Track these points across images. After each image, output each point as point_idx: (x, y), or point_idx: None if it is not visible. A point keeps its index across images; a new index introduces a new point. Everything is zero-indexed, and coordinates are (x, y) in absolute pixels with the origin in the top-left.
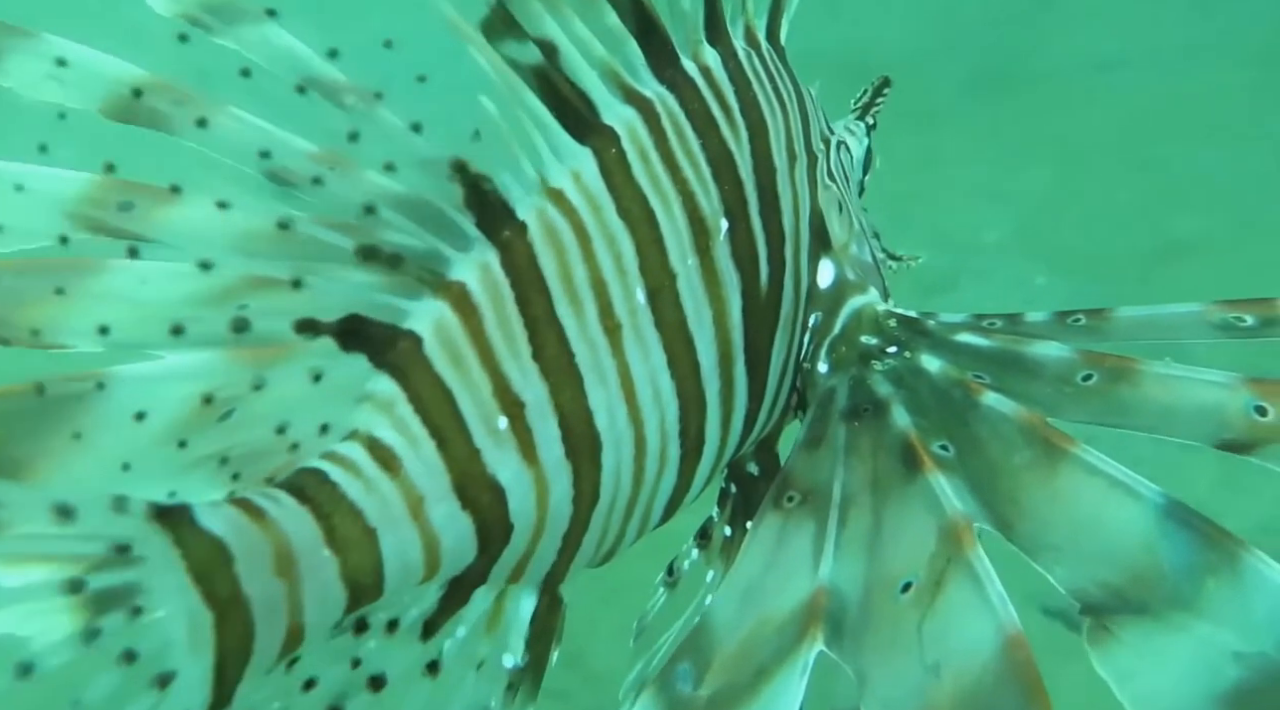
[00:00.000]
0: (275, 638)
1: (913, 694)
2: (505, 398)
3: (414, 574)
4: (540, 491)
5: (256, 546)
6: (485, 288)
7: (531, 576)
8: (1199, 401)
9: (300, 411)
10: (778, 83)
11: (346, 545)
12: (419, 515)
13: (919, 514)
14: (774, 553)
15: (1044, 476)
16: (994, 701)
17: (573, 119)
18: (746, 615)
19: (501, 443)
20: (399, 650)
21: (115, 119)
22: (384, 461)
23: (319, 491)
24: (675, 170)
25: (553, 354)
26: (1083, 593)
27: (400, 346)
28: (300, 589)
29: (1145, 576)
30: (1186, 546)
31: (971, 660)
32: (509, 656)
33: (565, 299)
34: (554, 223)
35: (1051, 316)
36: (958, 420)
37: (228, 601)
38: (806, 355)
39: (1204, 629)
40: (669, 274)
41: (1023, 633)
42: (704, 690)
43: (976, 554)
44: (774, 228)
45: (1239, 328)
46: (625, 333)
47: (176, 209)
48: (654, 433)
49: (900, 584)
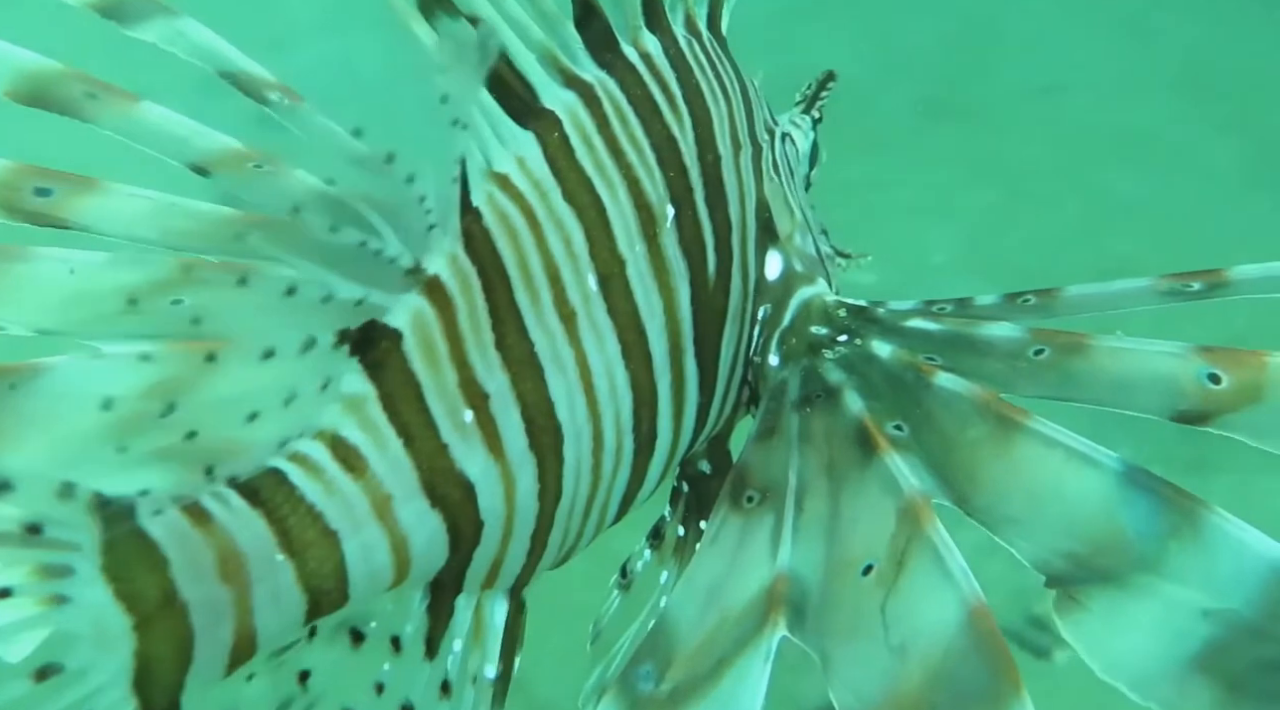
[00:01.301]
0: (221, 643)
1: (879, 676)
2: (471, 390)
3: (382, 578)
4: (507, 486)
5: (197, 552)
6: (456, 279)
7: (503, 581)
8: (1152, 372)
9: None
10: (720, 71)
11: (304, 548)
12: (385, 515)
13: (876, 495)
14: (735, 552)
15: (1000, 449)
16: (961, 677)
17: (513, 103)
18: (708, 614)
19: (468, 436)
20: (413, 671)
21: (24, 103)
22: (347, 461)
23: (274, 493)
24: (619, 155)
25: (514, 343)
26: (1046, 564)
27: (381, 345)
28: (249, 594)
29: (1108, 543)
30: (1147, 510)
31: (936, 637)
32: (490, 667)
33: (522, 286)
34: (504, 208)
35: (1001, 298)
36: (911, 401)
37: (156, 604)
38: (756, 349)
39: (1170, 590)
40: (618, 260)
41: (986, 604)
42: (665, 686)
43: (935, 529)
44: (720, 216)
45: (1186, 292)
46: (580, 321)
47: (99, 198)
48: (610, 426)
49: (861, 566)
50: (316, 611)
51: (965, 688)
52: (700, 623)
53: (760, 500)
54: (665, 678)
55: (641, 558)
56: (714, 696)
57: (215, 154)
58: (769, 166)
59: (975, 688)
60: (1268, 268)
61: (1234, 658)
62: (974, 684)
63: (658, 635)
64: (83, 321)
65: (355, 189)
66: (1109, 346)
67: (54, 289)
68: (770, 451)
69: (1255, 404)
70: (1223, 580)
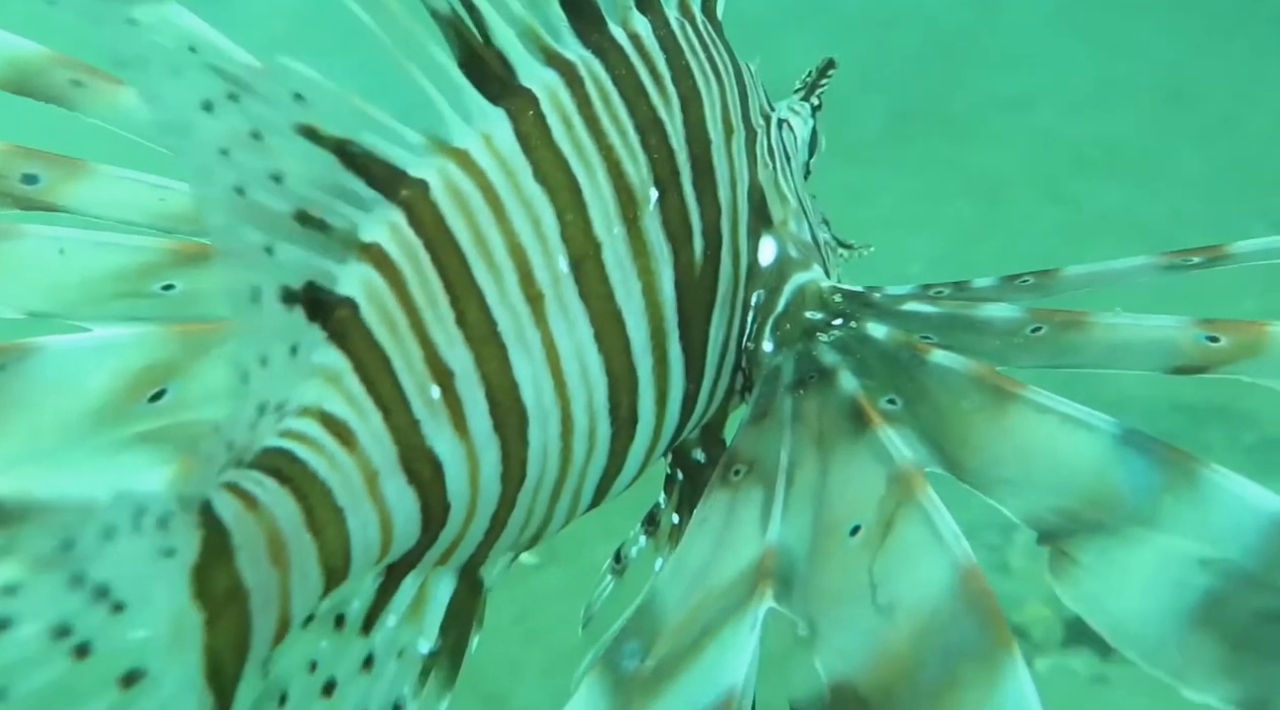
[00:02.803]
0: (269, 629)
1: (866, 636)
2: (436, 366)
3: (373, 554)
4: (472, 466)
5: (253, 536)
6: (400, 248)
7: (455, 559)
8: (1150, 341)
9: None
10: (713, 54)
11: (323, 526)
12: (375, 491)
13: (867, 463)
14: (723, 528)
15: (994, 418)
16: (951, 634)
17: (487, 79)
18: (694, 590)
19: (436, 413)
20: (346, 648)
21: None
22: (340, 435)
23: (294, 471)
24: (600, 136)
25: (475, 320)
26: (1038, 521)
27: (339, 315)
28: (289, 576)
29: (1101, 499)
30: (1143, 469)
31: (925, 597)
32: (424, 642)
33: (482, 264)
34: (458, 183)
35: (998, 280)
36: (905, 377)
37: (225, 596)
38: (750, 335)
39: (1165, 540)
40: (594, 243)
41: (977, 565)
42: (650, 662)
43: (926, 494)
44: (709, 200)
45: (1186, 266)
46: (548, 303)
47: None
48: (581, 410)
49: (848, 527)
50: (327, 591)
51: (955, 645)
52: (686, 597)
53: (747, 472)
54: (650, 654)
55: (636, 544)
56: (698, 669)
57: None
58: (764, 151)
59: (965, 645)
60: (1267, 242)
61: (1234, 610)
62: (964, 641)
63: (643, 613)
64: (72, 302)
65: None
66: (1107, 322)
67: (44, 269)
68: (762, 433)
69: (1254, 357)
70: (1220, 531)
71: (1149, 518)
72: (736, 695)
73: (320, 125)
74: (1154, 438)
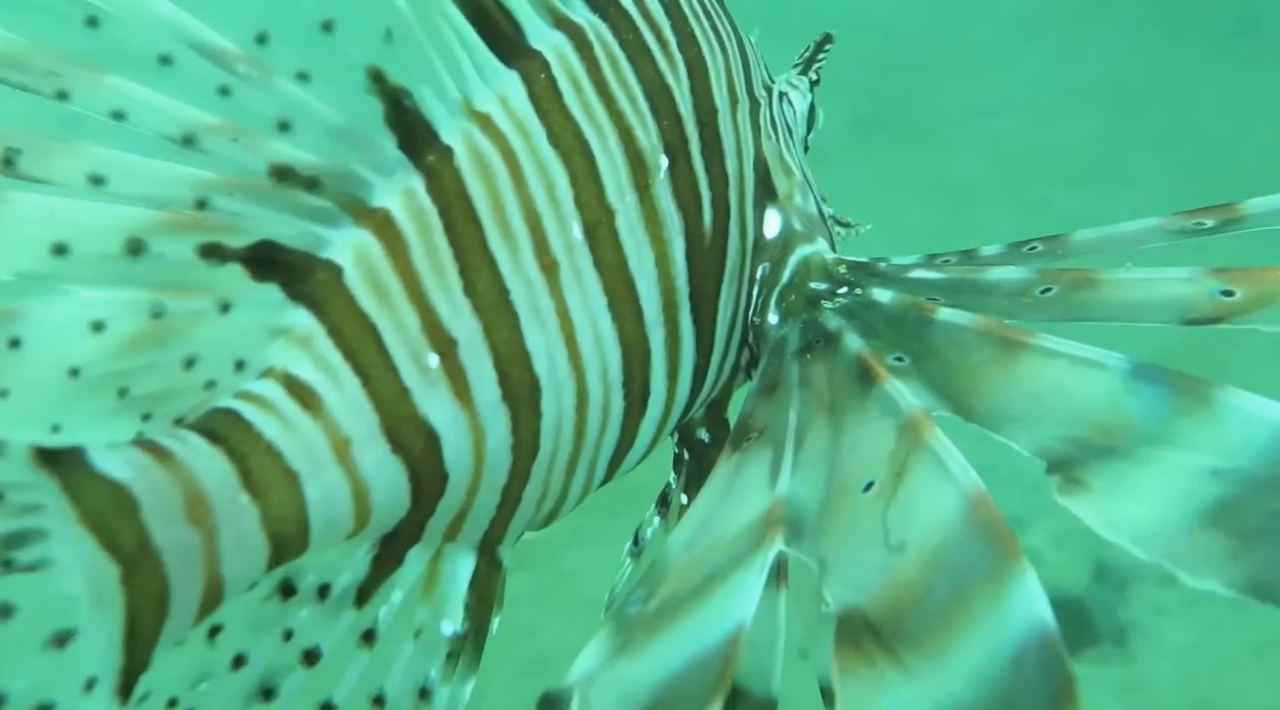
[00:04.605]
0: (192, 593)
1: (877, 570)
2: (435, 334)
3: (342, 525)
4: (476, 437)
5: (164, 491)
6: (411, 215)
7: (468, 535)
8: (1162, 295)
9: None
10: (716, 22)
11: (267, 489)
12: (345, 459)
13: (876, 419)
14: (730, 483)
15: (1004, 367)
16: (960, 557)
17: (499, 40)
18: (700, 539)
19: (433, 382)
20: (332, 619)
21: None
22: (303, 399)
23: (232, 431)
24: (610, 101)
25: (486, 289)
26: (1047, 451)
27: (317, 277)
28: (217, 537)
29: (1111, 426)
30: (1154, 396)
31: (935, 528)
32: (448, 623)
33: (498, 232)
34: (482, 149)
35: (1006, 247)
36: (913, 336)
37: (135, 552)
38: (756, 309)
39: (1176, 456)
40: (606, 210)
41: (986, 492)
42: (653, 603)
43: (936, 437)
44: (717, 170)
45: (1199, 230)
46: (563, 271)
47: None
48: (596, 382)
49: (861, 485)
50: (278, 559)
51: (964, 566)
52: (691, 548)
53: (758, 438)
54: (653, 597)
55: (651, 525)
56: (704, 610)
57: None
58: (766, 123)
59: (974, 565)
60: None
61: (1245, 512)
62: (973, 562)
63: (653, 568)
64: (62, 264)
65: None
66: (1118, 279)
67: (33, 231)
68: (771, 401)
69: (1270, 306)
70: (1232, 443)
71: (1159, 438)
72: (743, 633)
73: (387, 70)
74: (1165, 368)
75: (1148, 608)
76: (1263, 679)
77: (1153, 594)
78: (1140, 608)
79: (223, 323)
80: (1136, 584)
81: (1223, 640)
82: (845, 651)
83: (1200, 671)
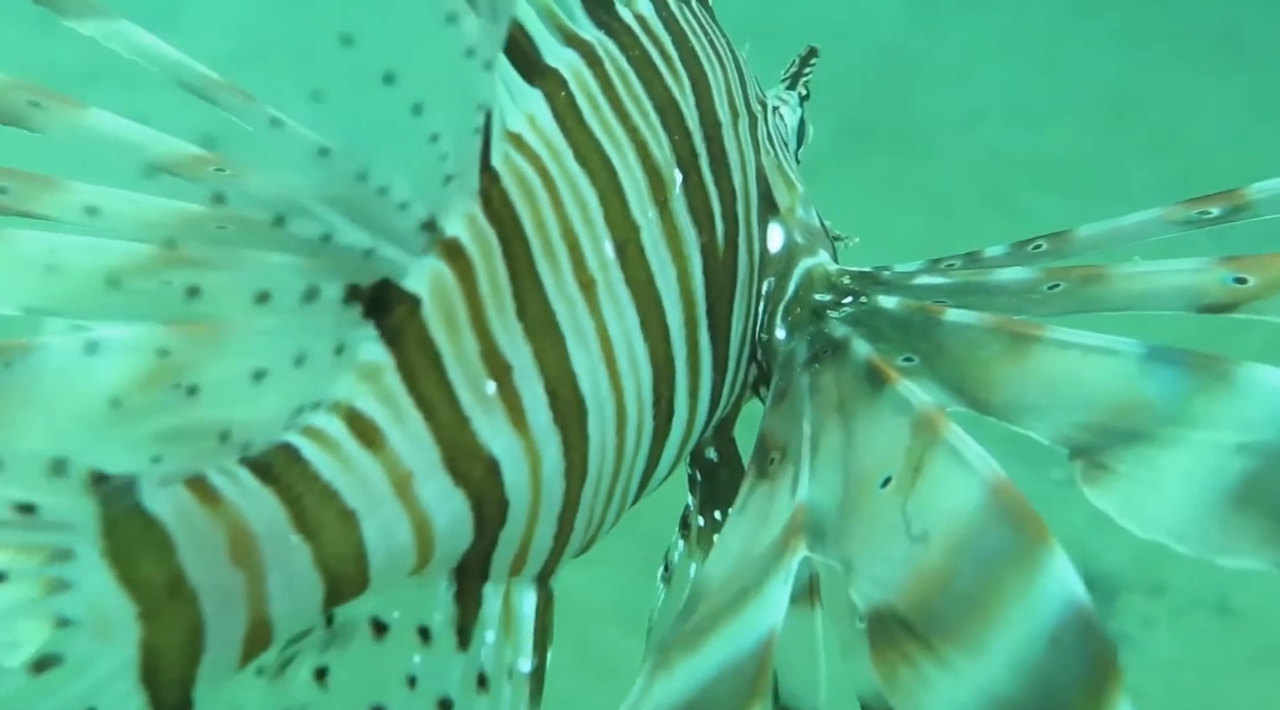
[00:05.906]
0: (234, 632)
1: (901, 563)
2: (493, 360)
3: (404, 560)
4: (532, 462)
5: (206, 532)
6: (475, 241)
7: (530, 567)
8: (1173, 285)
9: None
10: (712, 37)
11: (319, 530)
12: (406, 493)
13: (889, 418)
14: (763, 512)
15: (1015, 361)
16: (985, 542)
17: (519, 59)
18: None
19: (491, 409)
20: (447, 663)
21: None
22: (365, 435)
23: (287, 470)
24: (625, 117)
25: (535, 312)
26: (1068, 439)
27: (398, 311)
28: (263, 578)
29: (1130, 410)
30: (1171, 378)
31: (958, 517)
32: (524, 660)
33: (542, 253)
34: (521, 169)
35: (1010, 247)
36: (921, 337)
37: (163, 590)
38: (762, 325)
39: (1200, 435)
40: (633, 226)
41: (1006, 478)
42: (689, 624)
43: (951, 430)
44: (725, 184)
45: (1206, 219)
46: (600, 290)
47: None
48: (632, 402)
49: (879, 481)
50: (335, 597)
51: (991, 551)
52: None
53: (781, 459)
54: (689, 619)
55: (676, 549)
56: (736, 623)
57: (172, 160)
58: (764, 138)
59: (1001, 548)
60: None
61: (1275, 485)
62: (1000, 545)
63: (690, 598)
64: (70, 300)
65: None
66: (1127, 273)
67: (38, 267)
68: (786, 413)
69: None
70: (1255, 417)
71: (1180, 418)
72: (774, 638)
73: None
74: (1180, 349)
75: (1136, 619)
76: (1252, 692)
77: (1141, 605)
78: (1128, 619)
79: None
80: (1124, 595)
81: (1212, 652)
82: (882, 652)
83: (1189, 683)
